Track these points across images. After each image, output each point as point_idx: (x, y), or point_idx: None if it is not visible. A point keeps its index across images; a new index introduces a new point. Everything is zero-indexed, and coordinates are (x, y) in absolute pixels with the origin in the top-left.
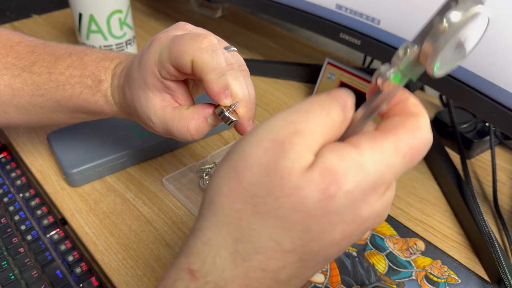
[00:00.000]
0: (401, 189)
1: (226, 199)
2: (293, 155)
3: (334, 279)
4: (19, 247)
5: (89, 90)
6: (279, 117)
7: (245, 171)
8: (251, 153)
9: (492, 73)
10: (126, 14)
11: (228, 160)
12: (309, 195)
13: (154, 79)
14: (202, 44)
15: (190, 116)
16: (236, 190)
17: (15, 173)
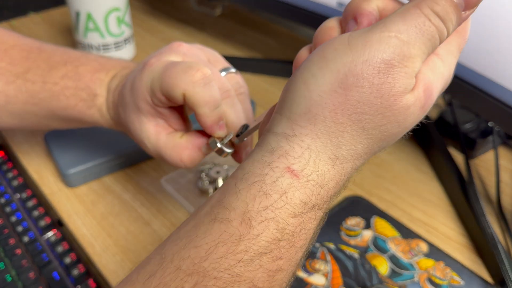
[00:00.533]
0: (404, 190)
1: (330, 113)
2: (405, 80)
3: (336, 281)
4: (16, 248)
5: (84, 103)
6: (386, 36)
7: (354, 89)
8: (363, 72)
9: (496, 72)
10: (125, 12)
11: (332, 71)
12: (413, 112)
13: (147, 105)
14: (194, 77)
15: (184, 146)
16: (342, 105)
17: (12, 173)
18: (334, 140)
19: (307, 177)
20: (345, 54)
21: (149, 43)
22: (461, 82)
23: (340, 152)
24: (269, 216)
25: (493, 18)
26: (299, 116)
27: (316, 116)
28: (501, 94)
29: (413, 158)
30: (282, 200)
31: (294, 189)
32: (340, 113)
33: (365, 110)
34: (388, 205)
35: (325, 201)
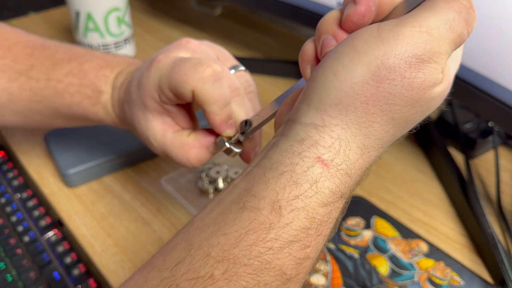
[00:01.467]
0: (404, 190)
1: (361, 104)
2: (435, 74)
3: (336, 281)
4: (17, 248)
5: (89, 101)
6: (417, 31)
7: (386, 81)
8: (395, 65)
9: (496, 72)
10: (124, 12)
11: (364, 63)
12: (437, 102)
13: (154, 102)
14: (203, 74)
15: (191, 145)
16: (374, 97)
17: (12, 173)
18: (364, 130)
19: (337, 166)
20: (377, 46)
21: (149, 43)
22: (461, 82)
23: (368, 141)
24: (299, 205)
25: (493, 18)
26: (329, 106)
27: (348, 107)
28: (501, 94)
29: (413, 158)
30: (312, 190)
31: (324, 178)
32: (372, 104)
33: (396, 102)
34: (388, 205)
35: (350, 190)
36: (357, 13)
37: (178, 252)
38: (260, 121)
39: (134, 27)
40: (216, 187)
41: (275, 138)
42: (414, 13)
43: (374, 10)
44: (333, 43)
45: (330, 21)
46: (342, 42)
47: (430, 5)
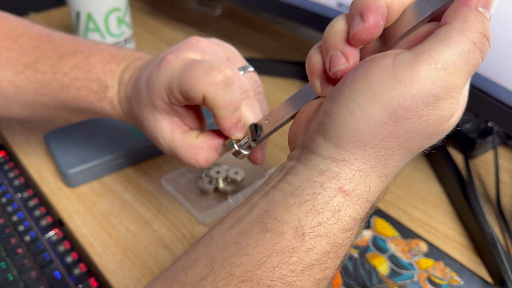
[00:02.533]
0: (404, 190)
1: (380, 141)
2: (451, 108)
3: (335, 281)
4: (18, 247)
5: (95, 95)
6: (433, 69)
7: (404, 121)
8: (412, 106)
9: (495, 72)
10: (125, 12)
11: (381, 104)
12: (452, 125)
13: (163, 103)
14: (215, 79)
15: (199, 146)
16: (392, 134)
17: (13, 173)
18: (383, 162)
19: (358, 196)
20: (393, 87)
21: (149, 43)
22: None
23: (387, 170)
24: (322, 232)
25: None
26: (347, 143)
27: (366, 144)
28: (501, 94)
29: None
30: (334, 218)
31: (346, 207)
32: (390, 141)
33: (413, 137)
34: (388, 205)
35: (369, 213)
36: (366, 30)
37: (200, 267)
38: (271, 128)
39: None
40: (216, 187)
41: (291, 161)
42: (429, 47)
43: (383, 23)
44: (342, 61)
45: (337, 34)
46: (357, 78)
47: (444, 36)
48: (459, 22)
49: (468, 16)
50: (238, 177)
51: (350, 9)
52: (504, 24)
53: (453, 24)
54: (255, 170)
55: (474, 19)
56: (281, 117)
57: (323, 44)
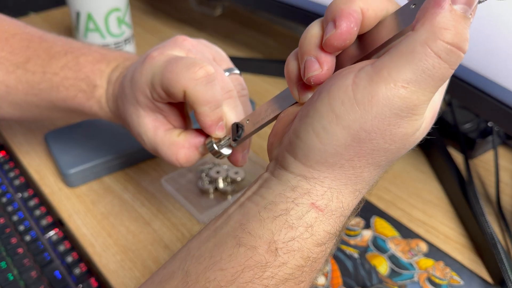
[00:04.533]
0: (404, 189)
1: (347, 161)
2: (416, 124)
3: (335, 281)
4: (18, 247)
5: (84, 95)
6: (392, 88)
7: (368, 142)
8: (374, 127)
9: (495, 72)
10: (125, 12)
11: (344, 127)
12: (422, 135)
13: (146, 99)
14: (196, 74)
15: (181, 144)
16: (358, 154)
17: (14, 173)
18: (353, 179)
19: (332, 211)
20: (353, 110)
21: (149, 43)
22: (461, 82)
23: (359, 186)
24: (295, 247)
25: (493, 18)
26: (316, 163)
27: (334, 165)
28: (501, 94)
29: (413, 158)
30: (307, 232)
31: (320, 222)
32: (357, 160)
33: (380, 154)
34: (388, 205)
35: (344, 226)
36: (338, 37)
37: (175, 281)
38: (253, 129)
39: (134, 27)
40: (216, 187)
41: (267, 172)
42: (389, 62)
43: (356, 29)
44: (316, 66)
45: (312, 40)
46: (320, 97)
47: (406, 49)
48: (424, 31)
49: (436, 23)
50: (238, 177)
51: (325, 14)
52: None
53: (418, 33)
54: (255, 170)
55: (443, 25)
56: (262, 118)
57: (299, 49)
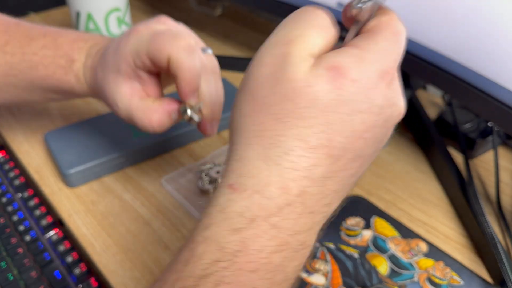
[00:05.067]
0: (403, 189)
1: (249, 118)
2: (294, 60)
3: (335, 281)
4: (18, 247)
5: (62, 70)
6: (274, 35)
7: (256, 88)
8: (257, 72)
9: (496, 72)
10: (125, 12)
11: (242, 88)
12: (320, 89)
13: (128, 67)
14: (181, 43)
15: (154, 109)
16: (254, 107)
17: (14, 172)
18: (260, 142)
19: (243, 186)
20: (247, 71)
21: None
22: (461, 82)
23: (270, 152)
24: (208, 235)
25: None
26: (233, 135)
27: (241, 127)
28: (501, 94)
29: (413, 158)
30: (220, 216)
31: (232, 202)
32: (256, 114)
33: (273, 101)
34: (388, 205)
35: (271, 212)
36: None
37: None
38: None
39: None
40: (216, 186)
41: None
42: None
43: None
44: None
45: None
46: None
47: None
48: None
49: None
50: None
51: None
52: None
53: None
54: None
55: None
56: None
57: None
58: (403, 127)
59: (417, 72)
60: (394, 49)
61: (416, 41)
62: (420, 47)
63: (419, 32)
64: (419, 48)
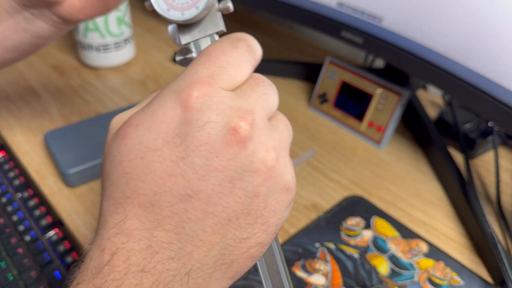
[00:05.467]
0: (404, 189)
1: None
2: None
3: (336, 281)
4: (18, 247)
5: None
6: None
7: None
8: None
9: (495, 72)
10: (125, 12)
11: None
12: (106, 145)
13: None
14: None
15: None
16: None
17: (13, 172)
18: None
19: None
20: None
21: (149, 43)
22: (461, 82)
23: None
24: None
25: (493, 18)
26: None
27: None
28: (501, 94)
29: (413, 158)
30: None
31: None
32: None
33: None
34: (388, 205)
35: (92, 275)
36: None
37: None
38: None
39: (134, 27)
40: None
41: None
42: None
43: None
44: None
45: None
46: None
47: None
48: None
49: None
50: None
51: None
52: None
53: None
54: None
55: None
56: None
57: None
58: (403, 127)
59: (417, 72)
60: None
61: (416, 41)
62: (421, 47)
63: (420, 32)
64: (419, 48)
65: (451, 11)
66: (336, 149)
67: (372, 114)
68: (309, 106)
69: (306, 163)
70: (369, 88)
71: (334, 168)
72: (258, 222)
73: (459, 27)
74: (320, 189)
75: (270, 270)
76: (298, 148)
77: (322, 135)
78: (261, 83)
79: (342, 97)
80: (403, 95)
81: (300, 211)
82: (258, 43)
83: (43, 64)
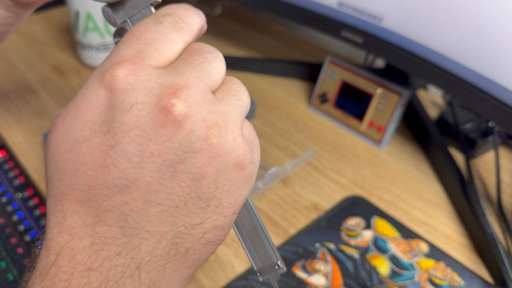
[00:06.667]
0: (404, 189)
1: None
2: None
3: (336, 282)
4: (18, 247)
5: None
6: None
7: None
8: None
9: (496, 72)
10: None
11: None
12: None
13: None
14: None
15: None
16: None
17: (13, 172)
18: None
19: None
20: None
21: None
22: (461, 82)
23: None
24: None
25: (493, 18)
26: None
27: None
28: (501, 94)
29: (413, 158)
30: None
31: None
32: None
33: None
34: (388, 205)
35: (41, 277)
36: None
37: None
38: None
39: None
40: None
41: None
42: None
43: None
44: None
45: None
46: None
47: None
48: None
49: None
50: None
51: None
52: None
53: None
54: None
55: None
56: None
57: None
58: (404, 127)
59: (418, 72)
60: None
61: (416, 41)
62: (421, 47)
63: (420, 32)
64: (419, 48)
65: (452, 11)
66: (336, 149)
67: (372, 114)
68: (309, 106)
69: (306, 163)
70: (369, 88)
71: (334, 168)
72: (211, 205)
73: (460, 26)
74: (320, 189)
75: (254, 244)
76: (298, 148)
77: (322, 135)
78: (195, 52)
79: (342, 97)
80: (403, 95)
81: (300, 211)
82: (196, 14)
83: (43, 64)
